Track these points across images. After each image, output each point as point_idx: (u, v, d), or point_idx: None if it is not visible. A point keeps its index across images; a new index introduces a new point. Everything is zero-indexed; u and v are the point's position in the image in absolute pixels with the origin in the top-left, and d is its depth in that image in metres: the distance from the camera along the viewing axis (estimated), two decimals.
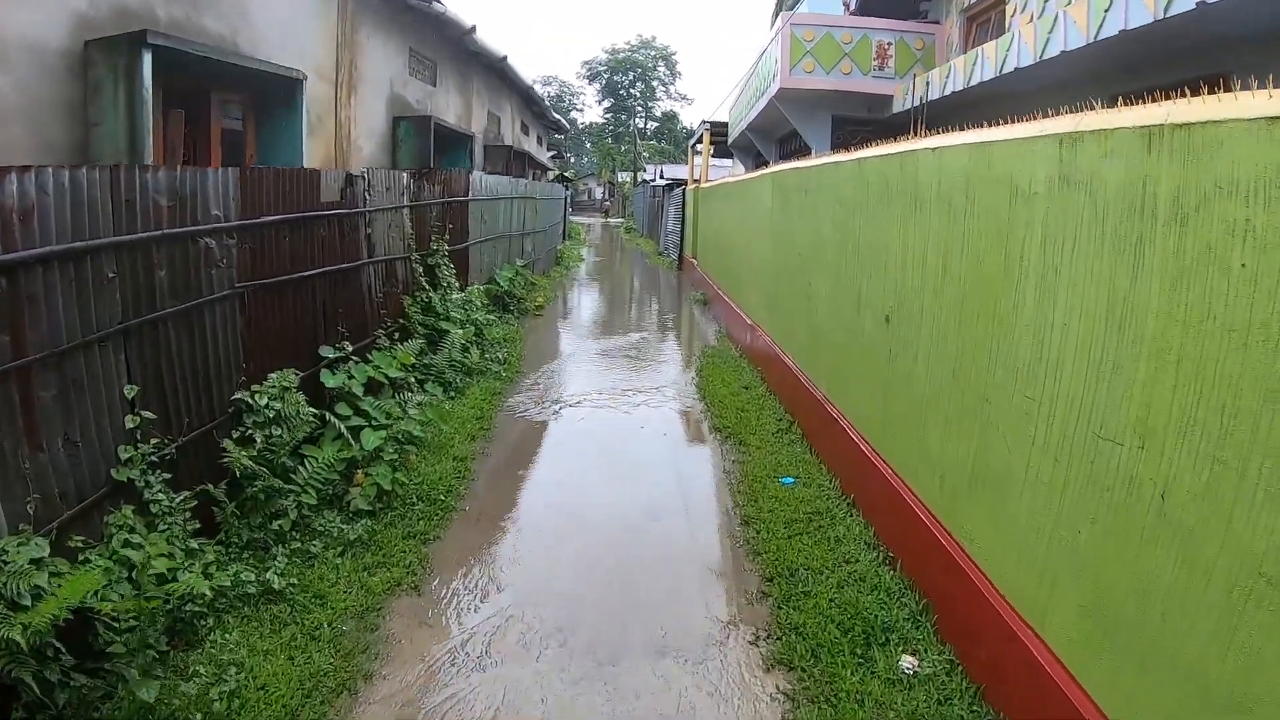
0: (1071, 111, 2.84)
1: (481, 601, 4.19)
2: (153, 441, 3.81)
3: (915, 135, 4.44)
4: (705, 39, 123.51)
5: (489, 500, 5.53)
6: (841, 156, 5.67)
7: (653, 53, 66.26)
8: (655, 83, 67.02)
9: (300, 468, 4.99)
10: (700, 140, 20.51)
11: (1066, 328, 2.82)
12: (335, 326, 6.26)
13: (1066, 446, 2.77)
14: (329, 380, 5.76)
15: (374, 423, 5.73)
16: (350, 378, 6.05)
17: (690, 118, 67.98)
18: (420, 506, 5.24)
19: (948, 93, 8.13)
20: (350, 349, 6.34)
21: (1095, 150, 2.62)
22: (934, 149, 3.83)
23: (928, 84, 8.41)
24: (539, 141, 23.95)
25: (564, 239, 27.40)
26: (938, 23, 10.52)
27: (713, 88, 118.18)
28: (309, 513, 4.84)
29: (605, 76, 66.50)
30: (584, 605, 4.14)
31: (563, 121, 25.85)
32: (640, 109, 67.11)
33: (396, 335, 7.51)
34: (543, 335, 11.52)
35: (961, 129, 3.71)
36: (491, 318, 9.37)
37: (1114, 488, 2.47)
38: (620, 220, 52.01)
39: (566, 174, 33.24)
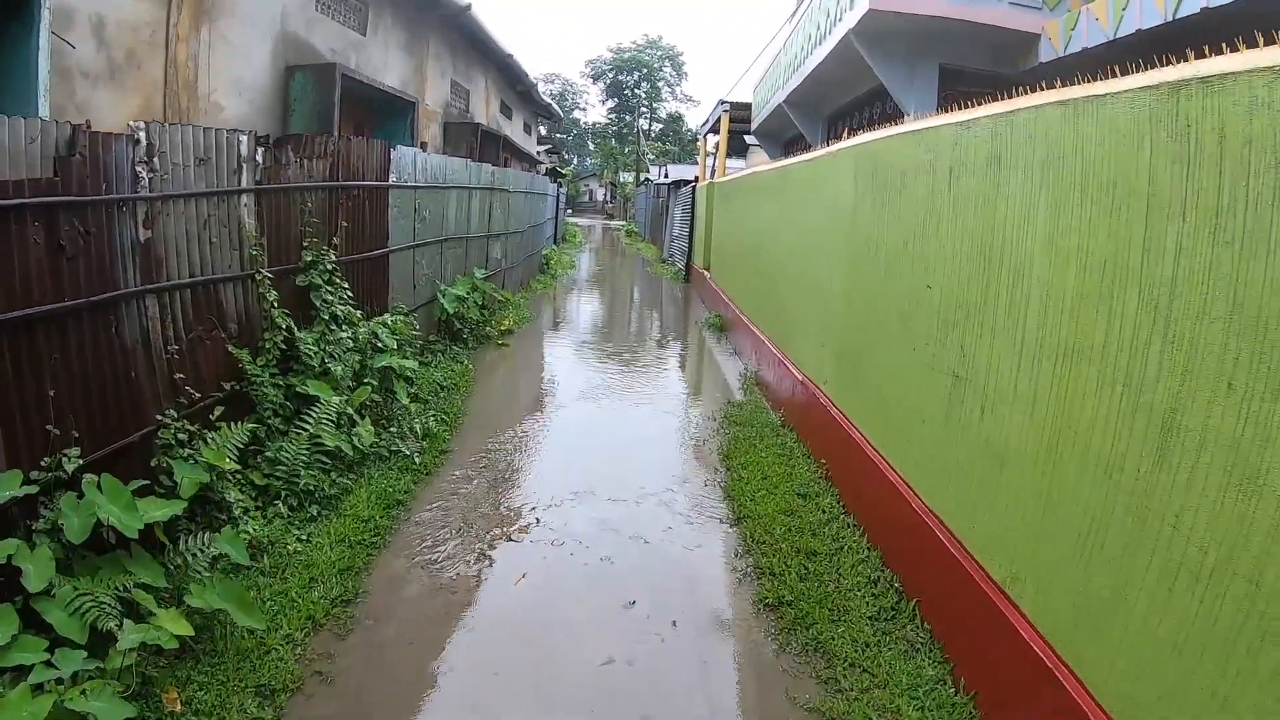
0: None
1: None
2: None
3: None
4: (713, 41, 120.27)
5: None
6: (1117, 84, 2.53)
7: (659, 53, 63.87)
8: (661, 83, 64.61)
9: None
10: (714, 127, 17.30)
11: None
12: (37, 427, 3.16)
13: None
14: None
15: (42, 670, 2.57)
16: (37, 542, 2.93)
17: (696, 119, 65.07)
18: None
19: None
20: (80, 463, 3.28)
21: None
22: None
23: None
24: (526, 130, 20.79)
25: (555, 242, 24.30)
26: None
27: (720, 91, 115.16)
28: None
29: (610, 76, 64.02)
30: None
31: (554, 107, 22.68)
32: (645, 110, 64.54)
33: (220, 412, 4.35)
34: (499, 381, 8.31)
35: None
36: (411, 363, 6.21)
37: None
38: (622, 223, 48.91)
39: (561, 169, 30.14)
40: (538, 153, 24.25)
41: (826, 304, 5.79)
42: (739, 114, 15.22)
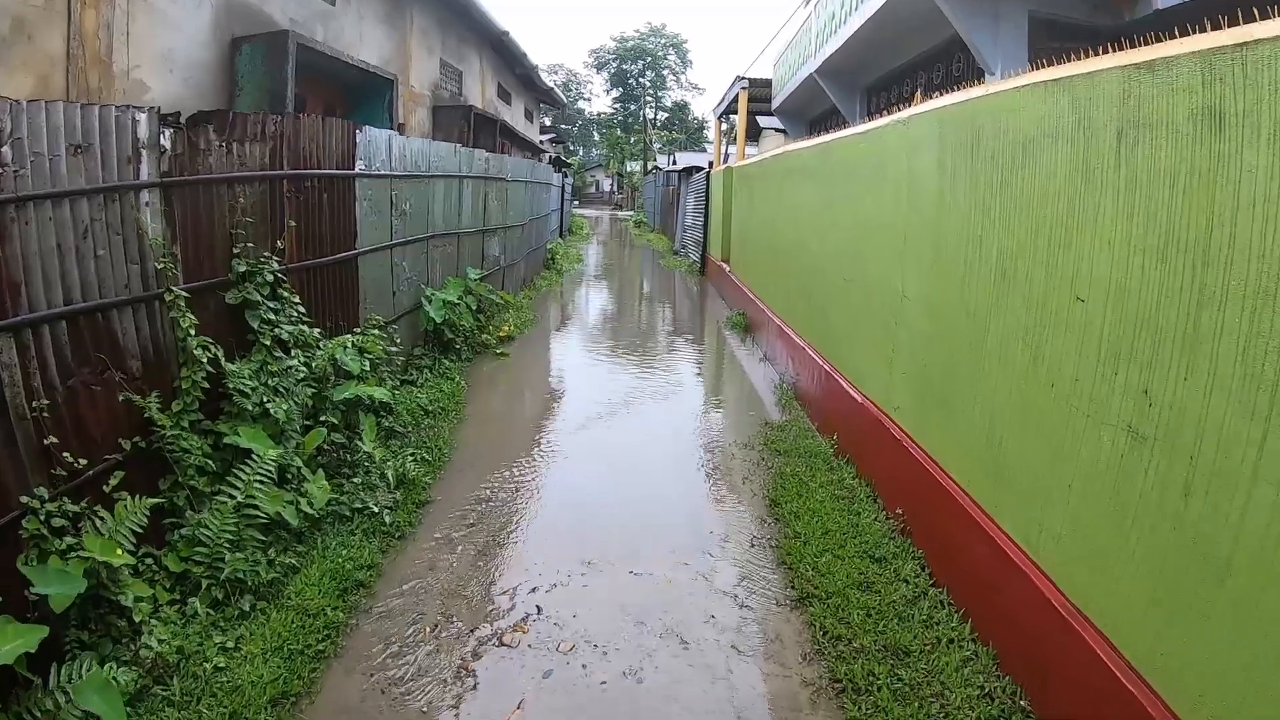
0: None
1: None
2: None
3: None
4: (717, 29, 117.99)
5: None
6: None
7: (663, 41, 63.08)
8: (665, 72, 63.90)
9: None
10: (730, 107, 16.05)
11: None
12: None
13: None
14: None
15: None
16: None
17: (702, 107, 63.85)
18: None
19: None
20: None
21: None
22: None
23: None
24: (528, 117, 19.62)
25: (561, 235, 23.20)
26: None
27: (725, 78, 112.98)
28: None
29: (614, 65, 63.19)
30: None
31: (557, 92, 21.48)
32: (650, 99, 63.61)
33: (119, 480, 3.30)
34: (496, 402, 7.19)
35: None
36: (384, 391, 5.12)
37: None
38: (630, 213, 47.70)
39: (566, 159, 28.91)
40: (541, 142, 23.10)
41: (896, 312, 4.65)
42: (758, 92, 13.95)
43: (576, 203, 47.03)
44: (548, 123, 38.00)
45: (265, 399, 4.05)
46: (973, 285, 3.61)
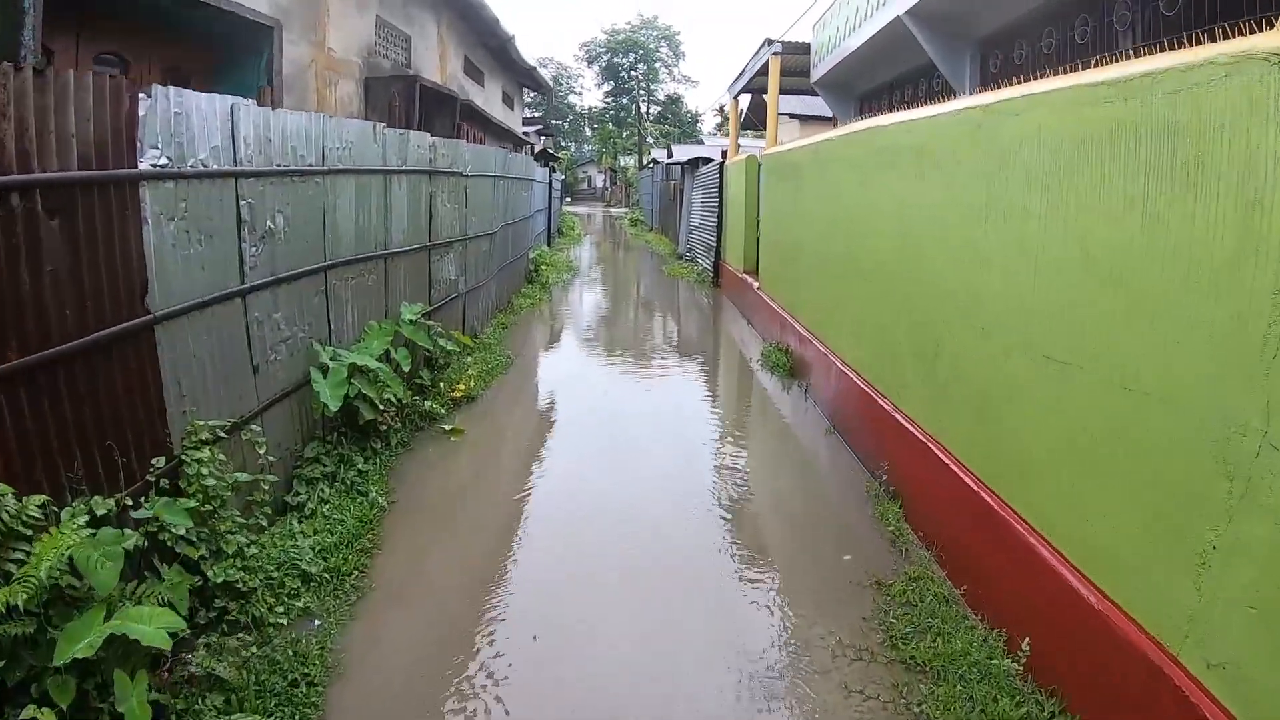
0: None
1: None
2: None
3: None
4: (708, 21, 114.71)
5: None
6: None
7: (654, 33, 62.30)
8: (658, 64, 63.10)
9: None
10: (750, 84, 13.37)
11: None
12: None
13: None
14: None
15: None
16: None
17: (695, 100, 61.99)
18: None
19: None
20: None
21: None
22: None
23: None
24: (507, 102, 17.01)
25: (550, 239, 20.61)
26: None
27: (718, 71, 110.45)
28: None
29: (605, 58, 62.20)
30: None
31: (539, 73, 18.84)
32: (642, 92, 62.19)
33: None
34: (427, 545, 4.43)
35: None
36: (158, 627, 2.58)
37: None
38: (624, 210, 45.02)
39: (554, 152, 26.24)
40: (525, 133, 20.49)
41: (1229, 465, 2.11)
42: (791, 61, 11.17)
43: (569, 199, 44.44)
44: (537, 114, 35.33)
45: None
46: None
